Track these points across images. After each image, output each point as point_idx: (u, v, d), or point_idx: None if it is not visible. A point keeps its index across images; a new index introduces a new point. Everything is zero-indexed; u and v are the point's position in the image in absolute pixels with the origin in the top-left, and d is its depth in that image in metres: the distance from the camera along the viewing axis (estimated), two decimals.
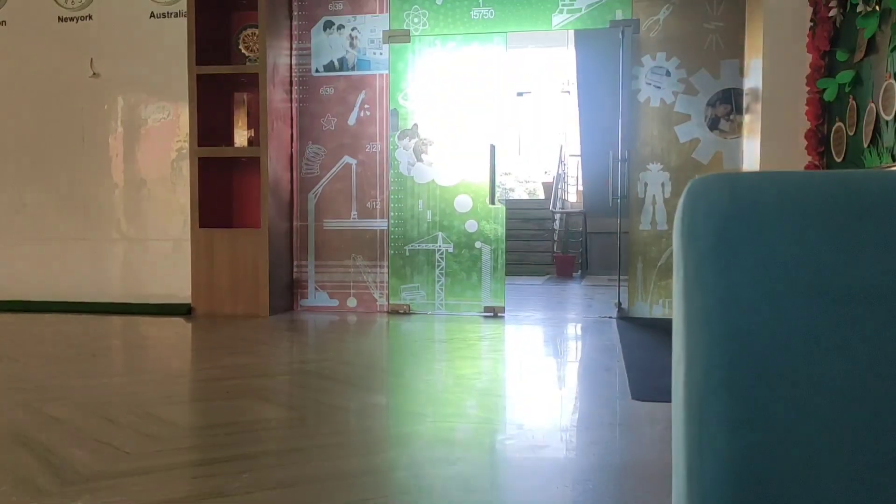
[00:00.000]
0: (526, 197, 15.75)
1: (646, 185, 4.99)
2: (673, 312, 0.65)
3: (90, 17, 5.47)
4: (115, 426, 2.27)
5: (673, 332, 0.64)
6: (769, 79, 4.25)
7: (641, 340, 4.15)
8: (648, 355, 3.65)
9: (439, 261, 5.23)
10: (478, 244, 5.19)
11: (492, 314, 5.13)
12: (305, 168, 5.39)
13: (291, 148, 5.37)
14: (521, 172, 16.72)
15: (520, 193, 16.27)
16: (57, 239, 5.57)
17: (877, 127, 3.27)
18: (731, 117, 4.87)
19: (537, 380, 3.28)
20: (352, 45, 5.30)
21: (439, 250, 5.23)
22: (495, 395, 2.90)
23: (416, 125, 5.23)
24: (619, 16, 4.94)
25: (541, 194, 14.63)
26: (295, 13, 5.37)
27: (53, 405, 2.51)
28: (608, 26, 4.98)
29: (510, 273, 6.36)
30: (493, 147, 5.15)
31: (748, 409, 0.57)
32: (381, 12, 5.26)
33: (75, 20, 5.49)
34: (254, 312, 4.99)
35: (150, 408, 2.49)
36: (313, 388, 2.89)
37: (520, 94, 16.19)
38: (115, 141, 5.48)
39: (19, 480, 1.78)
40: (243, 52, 5.34)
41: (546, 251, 10.90)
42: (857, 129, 3.50)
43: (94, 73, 5.46)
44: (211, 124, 5.13)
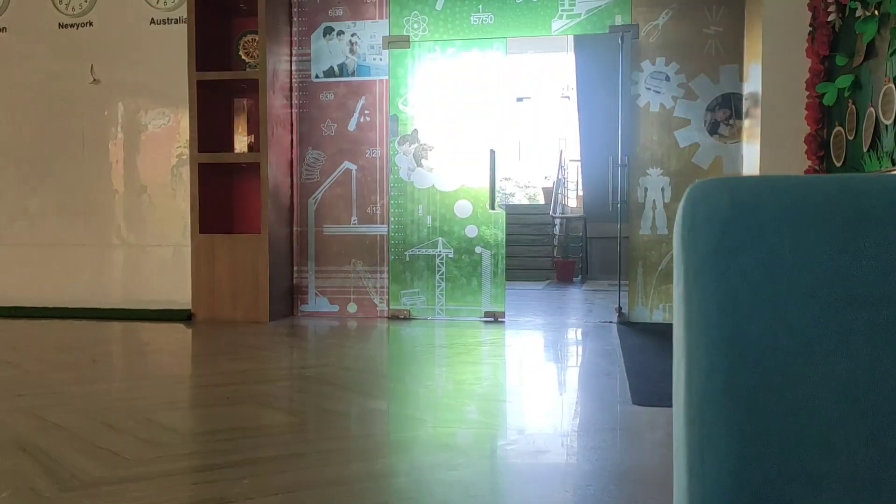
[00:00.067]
0: (526, 202, 15.77)
1: (646, 189, 4.99)
2: (673, 317, 0.65)
3: (91, 24, 5.49)
4: (115, 432, 2.26)
5: (673, 336, 0.64)
6: (768, 83, 4.25)
7: (642, 345, 4.15)
8: (649, 360, 3.65)
9: (439, 266, 5.23)
10: (478, 249, 5.19)
11: (492, 319, 5.13)
12: (305, 173, 5.39)
13: (291, 153, 5.38)
14: (522, 177, 16.73)
15: (520, 198, 16.28)
16: (57, 245, 5.57)
17: (876, 131, 3.27)
18: (731, 122, 4.88)
19: (538, 385, 3.27)
20: (352, 51, 5.31)
21: (439, 255, 5.23)
22: (496, 400, 2.89)
23: (415, 130, 5.24)
24: (618, 21, 4.96)
25: (541, 199, 14.64)
26: (295, 19, 5.38)
27: (54, 411, 2.51)
28: (607, 31, 4.99)
29: (510, 278, 6.36)
30: (492, 152, 5.15)
31: (749, 412, 0.57)
32: (380, 18, 5.27)
33: (76, 26, 5.50)
34: (254, 318, 4.99)
35: (151, 413, 2.49)
36: (313, 394, 2.88)
37: (519, 100, 16.22)
38: (116, 147, 5.49)
39: (19, 486, 1.77)
40: (243, 58, 5.35)
41: (546, 256, 10.90)
42: (856, 133, 3.50)
43: (94, 80, 5.47)
44: (211, 130, 5.14)
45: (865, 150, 3.37)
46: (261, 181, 5.02)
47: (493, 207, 5.18)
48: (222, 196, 5.28)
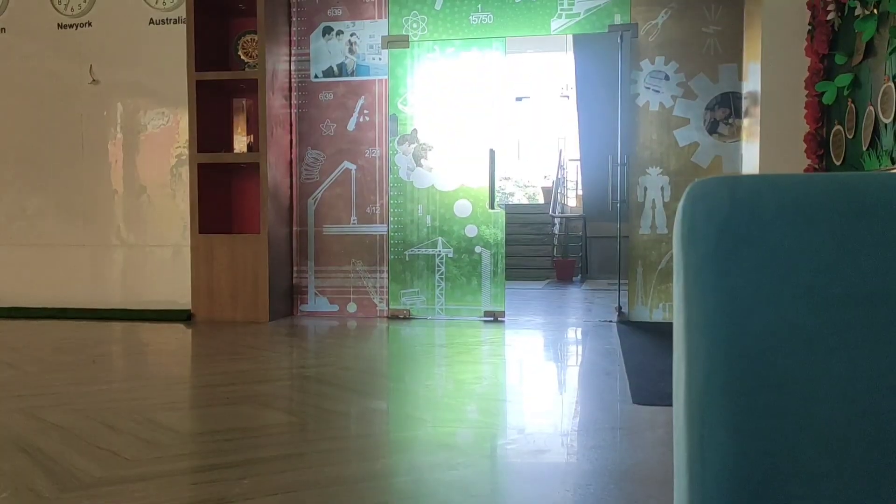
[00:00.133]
0: (525, 201, 15.76)
1: (645, 189, 4.99)
2: (673, 316, 0.65)
3: (90, 24, 5.48)
4: (115, 432, 2.26)
5: (673, 335, 0.64)
6: (768, 82, 4.25)
7: (642, 344, 4.15)
8: (649, 359, 3.65)
9: (439, 266, 5.22)
10: (477, 249, 5.19)
11: (492, 319, 5.13)
12: (305, 173, 5.39)
13: (291, 153, 5.38)
14: (521, 177, 16.73)
15: (519, 198, 16.27)
16: (56, 245, 5.57)
17: (875, 130, 3.27)
18: (730, 121, 4.88)
19: (538, 384, 3.27)
20: (351, 51, 5.31)
21: (439, 255, 5.23)
22: (496, 400, 2.89)
23: (415, 130, 5.24)
24: (617, 20, 4.96)
25: (540, 199, 14.64)
26: (294, 19, 5.38)
27: (53, 411, 2.51)
28: (607, 31, 4.99)
29: (510, 277, 6.36)
30: (492, 152, 5.15)
31: (749, 411, 0.57)
32: (379, 18, 5.27)
33: (75, 27, 5.50)
34: (253, 318, 4.99)
35: (151, 414, 2.49)
36: (313, 394, 2.88)
37: (519, 99, 16.22)
38: (115, 147, 5.49)
39: (19, 487, 1.77)
40: (242, 58, 5.35)
41: (546, 255, 10.90)
42: (855, 132, 3.50)
43: (93, 80, 5.47)
44: (210, 130, 5.14)
45: (865, 148, 3.37)
46: (260, 181, 5.02)
47: (492, 207, 5.18)
48: (222, 196, 5.28)
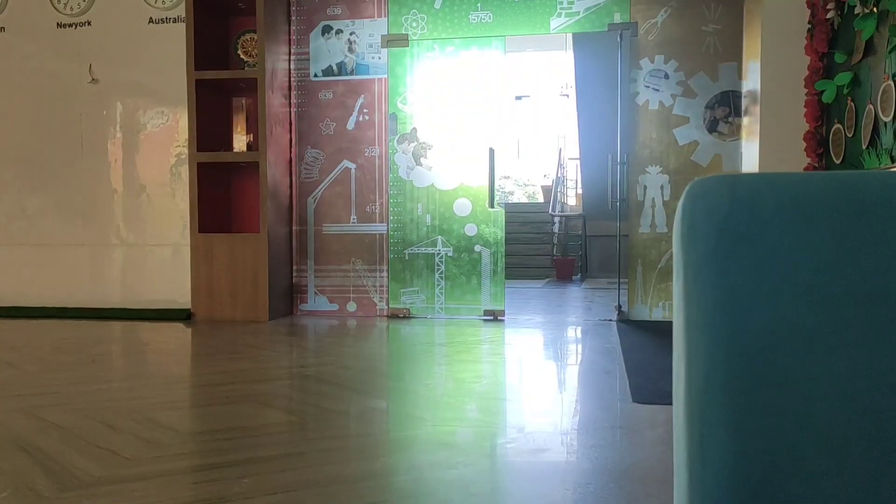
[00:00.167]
0: (525, 200, 15.76)
1: (645, 187, 4.99)
2: (673, 315, 0.65)
3: (89, 23, 5.48)
4: (114, 432, 2.26)
5: (673, 334, 0.64)
6: (767, 81, 4.25)
7: (642, 343, 4.15)
8: (649, 358, 3.65)
9: (439, 264, 5.23)
10: (477, 248, 5.19)
11: (492, 318, 5.13)
12: (304, 172, 5.39)
13: (290, 152, 5.37)
14: (521, 176, 16.73)
15: (519, 197, 16.27)
16: (56, 244, 5.57)
17: (875, 128, 3.27)
18: (730, 120, 4.88)
19: (538, 383, 3.27)
20: (350, 50, 5.31)
21: (439, 254, 5.23)
22: (495, 399, 2.89)
23: (414, 129, 5.23)
24: (617, 19, 4.95)
25: (540, 198, 14.64)
26: (293, 18, 5.37)
27: (53, 411, 2.51)
28: (606, 29, 4.99)
29: (510, 276, 6.36)
30: (492, 151, 5.15)
31: (749, 410, 0.57)
32: (379, 17, 5.27)
33: (74, 26, 5.50)
34: (253, 317, 4.99)
35: (150, 413, 2.49)
36: (313, 393, 2.88)
37: (518, 98, 16.21)
38: (114, 146, 5.48)
39: (19, 486, 1.77)
40: (242, 57, 5.34)
41: (546, 254, 10.90)
42: (855, 130, 3.50)
43: (92, 79, 5.47)
44: (210, 129, 5.13)
45: (864, 147, 3.37)
46: (260, 180, 5.01)
47: (492, 206, 5.18)
48: (221, 195, 5.28)
